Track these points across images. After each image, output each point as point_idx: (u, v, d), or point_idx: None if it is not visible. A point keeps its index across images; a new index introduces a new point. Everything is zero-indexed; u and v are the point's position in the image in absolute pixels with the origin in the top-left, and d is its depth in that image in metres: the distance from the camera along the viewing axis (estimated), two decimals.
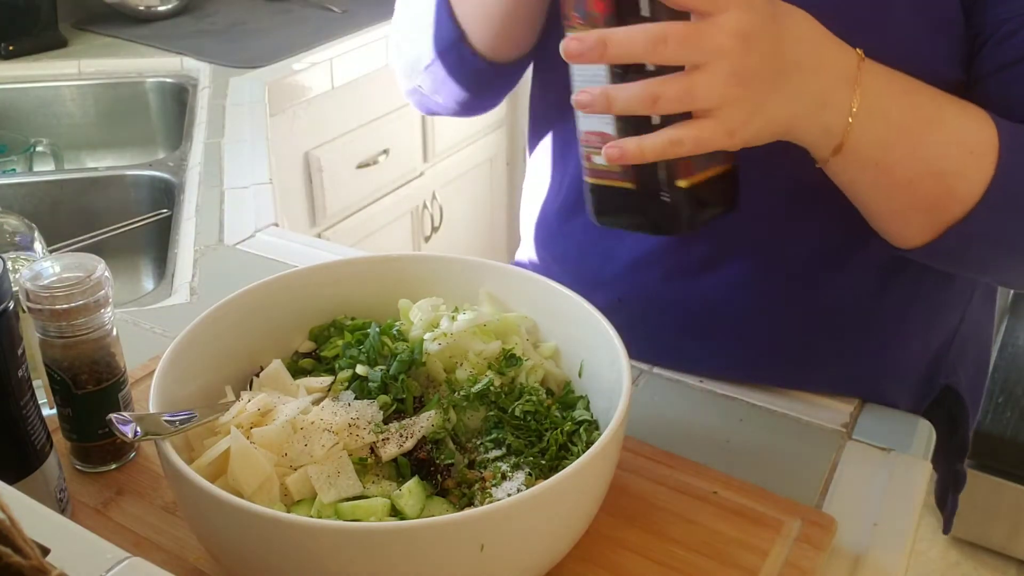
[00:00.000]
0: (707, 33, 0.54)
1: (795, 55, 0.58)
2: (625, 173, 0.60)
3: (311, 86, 1.77)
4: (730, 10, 0.54)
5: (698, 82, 0.54)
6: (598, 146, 0.60)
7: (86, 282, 0.62)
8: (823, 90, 0.60)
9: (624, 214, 0.63)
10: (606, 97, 0.55)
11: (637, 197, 0.61)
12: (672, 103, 0.54)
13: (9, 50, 1.72)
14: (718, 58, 0.54)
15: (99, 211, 1.34)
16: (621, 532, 0.63)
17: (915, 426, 0.78)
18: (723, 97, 0.55)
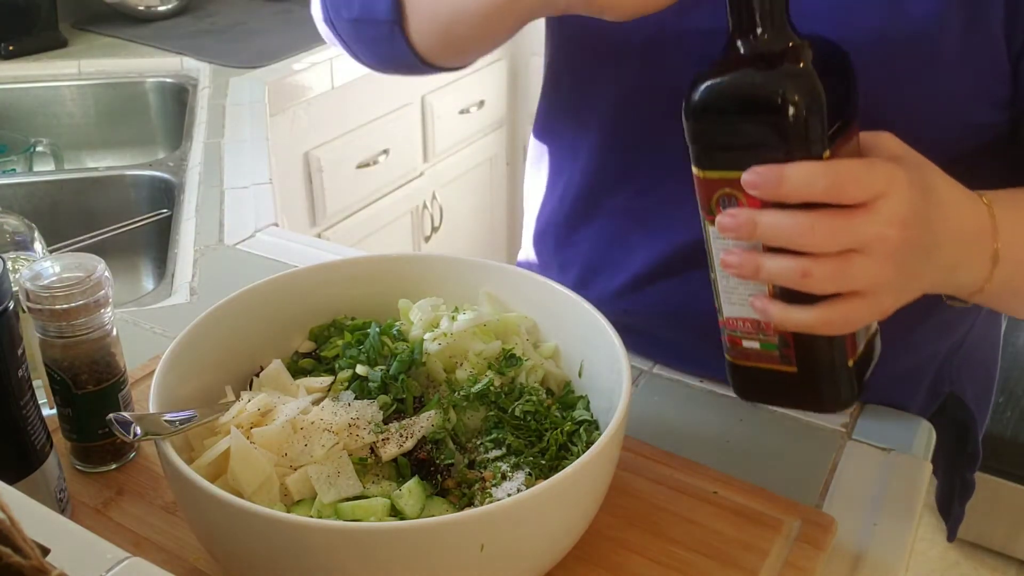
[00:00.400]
0: (863, 222, 0.51)
1: (943, 228, 0.56)
2: (785, 357, 0.57)
3: (311, 86, 1.77)
4: (889, 196, 0.51)
5: (853, 266, 0.52)
6: (750, 332, 0.58)
7: (86, 282, 0.62)
8: (959, 254, 0.58)
9: (781, 395, 0.60)
10: (755, 264, 0.53)
11: (799, 379, 0.58)
12: (824, 284, 0.52)
13: (9, 50, 1.72)
14: (875, 244, 0.51)
15: (99, 211, 1.34)
16: (621, 532, 0.63)
17: (915, 426, 0.78)
18: (877, 281, 0.53)
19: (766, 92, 0.50)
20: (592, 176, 0.85)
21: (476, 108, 2.30)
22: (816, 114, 0.50)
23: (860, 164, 0.52)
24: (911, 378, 0.82)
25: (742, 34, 0.53)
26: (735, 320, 0.58)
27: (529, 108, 2.45)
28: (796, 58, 0.51)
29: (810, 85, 0.50)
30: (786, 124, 0.50)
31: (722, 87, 0.52)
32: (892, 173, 0.52)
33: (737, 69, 0.52)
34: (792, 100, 0.50)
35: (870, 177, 0.51)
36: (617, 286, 0.75)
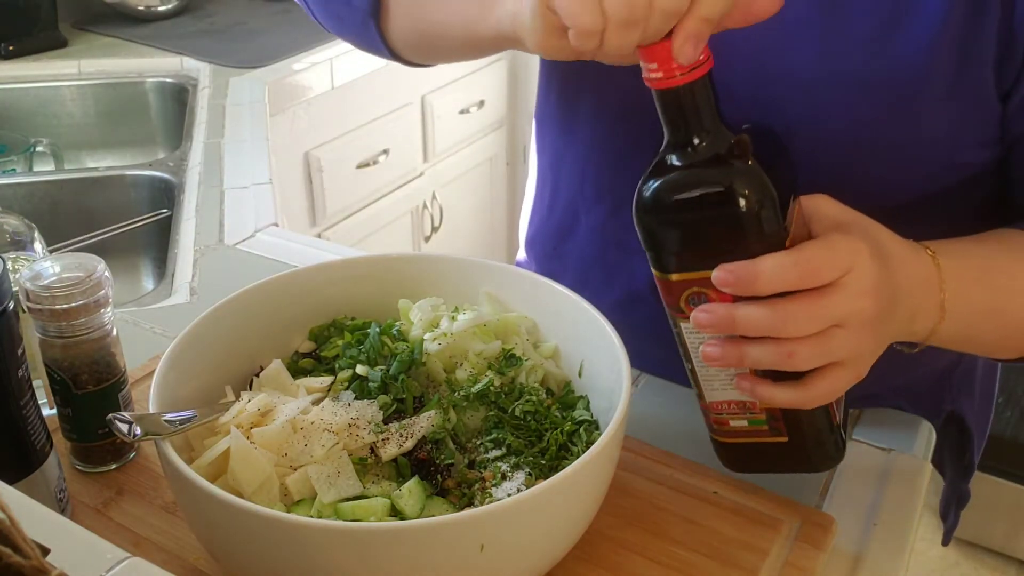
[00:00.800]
0: (838, 301, 0.52)
1: (898, 283, 0.57)
2: (775, 429, 0.59)
3: (311, 86, 1.77)
4: (855, 270, 0.53)
5: (834, 341, 0.53)
6: (737, 412, 0.59)
7: (86, 282, 0.62)
8: (914, 304, 0.59)
9: (773, 463, 0.62)
10: (738, 351, 0.54)
11: (790, 447, 0.59)
12: (808, 362, 0.53)
13: (9, 50, 1.72)
14: (851, 318, 0.53)
15: (99, 211, 1.34)
16: (621, 532, 0.63)
17: (915, 426, 0.78)
18: (857, 350, 0.54)
19: (722, 192, 0.51)
20: (574, 190, 0.85)
21: (476, 108, 2.30)
22: (772, 204, 0.51)
23: (824, 246, 0.53)
24: (908, 393, 0.82)
25: (682, 140, 0.53)
26: (719, 404, 0.60)
27: (529, 108, 2.44)
28: (742, 154, 0.52)
29: (761, 179, 0.51)
30: (747, 218, 0.51)
31: (674, 192, 0.53)
32: (854, 247, 0.53)
33: (685, 174, 0.53)
34: (748, 194, 0.51)
35: (837, 257, 0.52)
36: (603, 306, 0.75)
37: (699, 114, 0.53)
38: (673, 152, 0.54)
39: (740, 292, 0.52)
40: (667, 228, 0.53)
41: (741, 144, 0.53)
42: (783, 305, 0.52)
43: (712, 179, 0.52)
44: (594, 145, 0.81)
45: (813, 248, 0.52)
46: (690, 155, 0.53)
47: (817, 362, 0.53)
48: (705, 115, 0.53)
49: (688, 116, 0.53)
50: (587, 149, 0.82)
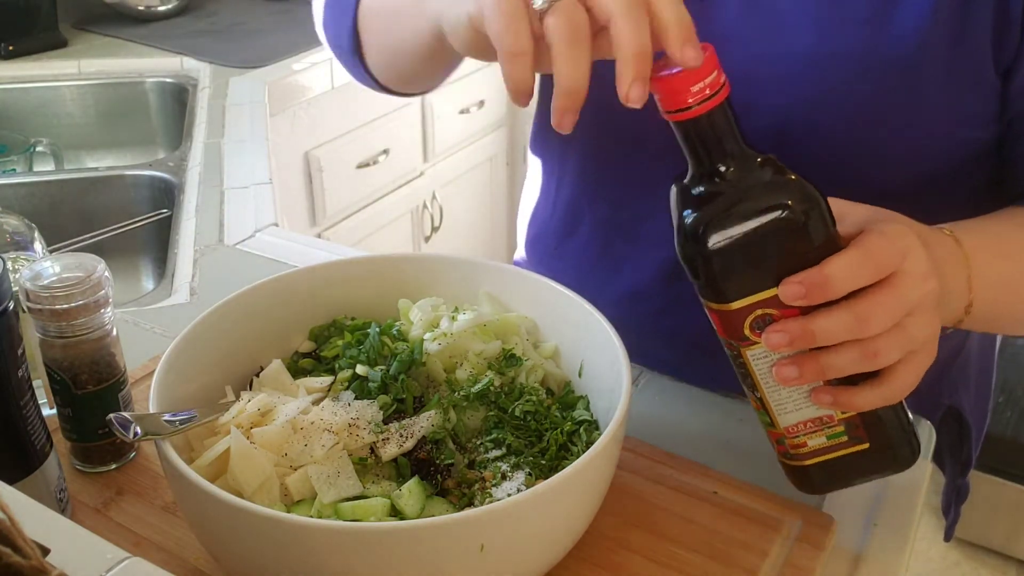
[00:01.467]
0: (908, 289, 0.51)
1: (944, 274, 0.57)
2: (855, 438, 0.57)
3: (311, 86, 1.77)
4: (910, 254, 0.52)
5: (911, 330, 0.52)
6: (814, 430, 0.57)
7: (86, 282, 0.62)
8: (952, 284, 0.59)
9: (858, 474, 0.60)
10: (817, 364, 0.52)
11: (873, 451, 0.58)
12: (892, 355, 0.52)
13: (9, 50, 1.72)
14: (922, 302, 0.52)
15: (99, 211, 1.34)
16: (621, 532, 0.63)
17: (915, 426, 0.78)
18: (932, 333, 0.53)
19: (780, 208, 0.50)
20: (577, 187, 0.85)
21: (476, 108, 2.30)
22: (821, 209, 0.51)
23: (883, 236, 0.51)
24: None
25: (708, 169, 0.52)
26: (796, 426, 0.57)
27: (530, 108, 2.44)
28: (774, 168, 0.52)
29: (807, 187, 0.51)
30: (806, 229, 0.50)
31: (721, 218, 0.51)
32: (903, 231, 0.52)
33: (731, 198, 0.52)
34: (803, 206, 0.50)
35: (896, 244, 0.51)
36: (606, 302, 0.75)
37: (725, 141, 0.52)
38: (702, 182, 0.53)
39: (814, 300, 0.50)
40: (722, 257, 0.51)
41: (771, 161, 0.52)
42: (860, 305, 0.50)
43: (762, 198, 0.51)
44: (596, 141, 0.81)
45: (873, 238, 0.51)
46: (726, 181, 0.52)
47: (899, 354, 0.52)
48: (731, 141, 0.52)
49: (713, 145, 0.52)
50: (589, 145, 0.82)
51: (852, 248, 0.51)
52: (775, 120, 0.67)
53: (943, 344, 0.84)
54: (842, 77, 0.65)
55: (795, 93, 0.67)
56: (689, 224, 0.52)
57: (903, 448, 0.58)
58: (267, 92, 1.63)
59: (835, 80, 0.66)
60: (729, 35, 0.68)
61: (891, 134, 0.67)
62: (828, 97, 0.66)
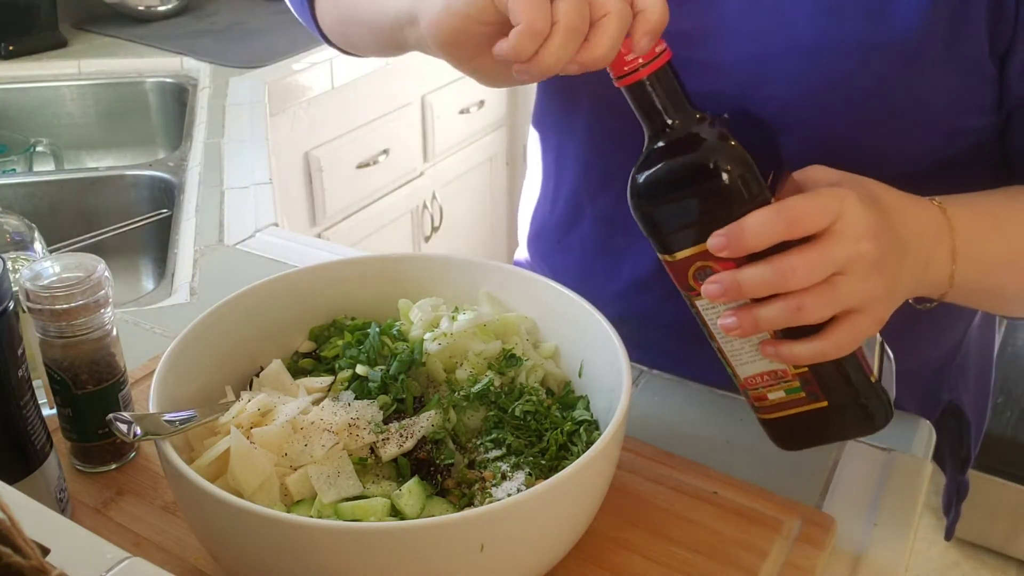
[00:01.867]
0: (835, 245, 0.53)
1: (905, 229, 0.58)
2: (812, 395, 0.59)
3: (311, 86, 1.77)
4: (845, 214, 0.53)
5: (841, 287, 0.53)
6: (771, 383, 0.59)
7: (86, 282, 0.62)
8: (926, 251, 0.60)
9: (824, 433, 0.62)
10: (752, 318, 0.55)
11: (833, 410, 0.59)
12: (818, 312, 0.53)
13: (9, 50, 1.72)
14: (855, 262, 0.53)
15: (99, 211, 1.34)
16: (621, 532, 0.63)
17: (915, 426, 0.78)
18: (868, 294, 0.54)
19: (701, 166, 0.54)
20: (577, 182, 0.85)
21: (476, 108, 2.30)
22: (747, 168, 0.54)
23: (806, 195, 0.54)
24: (905, 383, 0.83)
25: (657, 130, 0.57)
26: (753, 378, 0.60)
27: (529, 108, 2.44)
28: (712, 130, 0.55)
29: (731, 147, 0.54)
30: (728, 185, 0.54)
31: (660, 177, 0.56)
32: (838, 193, 0.54)
33: (666, 158, 0.56)
34: (725, 163, 0.54)
35: (821, 203, 0.53)
36: (609, 294, 0.75)
37: (665, 102, 0.56)
38: (652, 142, 0.57)
39: (734, 253, 0.53)
40: (658, 211, 0.56)
41: (708, 121, 0.56)
42: (781, 258, 0.53)
43: (687, 155, 0.55)
44: (594, 133, 0.81)
45: (796, 198, 0.54)
46: (666, 140, 0.57)
47: (827, 311, 0.54)
48: (671, 102, 0.56)
49: (654, 105, 0.56)
50: (587, 138, 0.82)
51: (772, 205, 0.53)
52: (777, 112, 0.68)
53: (941, 341, 0.84)
54: (843, 68, 0.65)
55: (797, 85, 0.67)
56: (632, 181, 0.57)
57: (864, 410, 0.59)
58: (267, 92, 1.63)
59: (836, 72, 0.66)
60: (731, 28, 0.69)
61: (893, 124, 0.67)
62: (830, 89, 0.66)
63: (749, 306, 0.55)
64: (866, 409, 0.59)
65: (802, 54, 0.66)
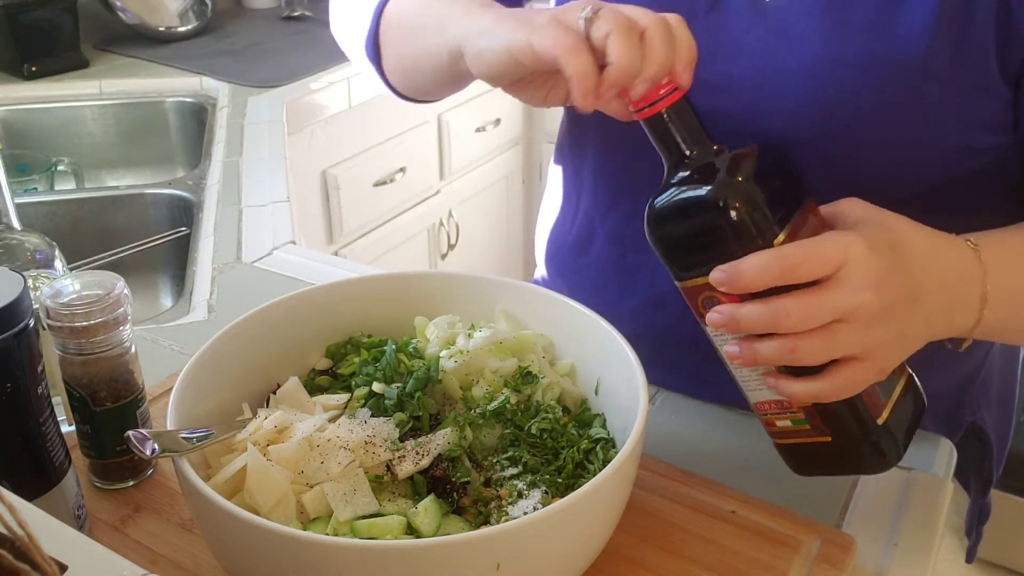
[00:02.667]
0: (834, 295, 0.53)
1: (926, 277, 0.57)
2: (816, 428, 0.59)
3: (328, 105, 1.78)
4: (850, 264, 0.53)
5: (838, 336, 0.53)
6: (778, 412, 0.60)
7: (105, 300, 0.63)
8: (949, 298, 0.59)
9: (830, 465, 0.62)
10: (751, 352, 0.55)
11: (836, 447, 0.59)
12: (813, 356, 0.54)
13: (32, 71, 1.74)
14: (854, 312, 0.53)
15: (119, 229, 1.35)
16: (638, 551, 0.62)
17: (936, 445, 0.77)
18: (867, 344, 0.54)
19: (709, 201, 0.55)
20: (589, 201, 0.86)
21: (492, 126, 2.31)
22: (756, 206, 0.55)
23: (811, 242, 0.54)
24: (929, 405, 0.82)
25: (675, 159, 0.58)
26: (761, 404, 0.61)
27: (545, 126, 2.45)
28: (724, 166, 0.56)
29: (740, 183, 0.55)
30: (734, 222, 0.55)
31: (672, 206, 0.57)
32: (846, 242, 0.54)
33: (680, 189, 0.57)
34: (733, 200, 0.54)
35: (822, 251, 0.53)
36: (625, 312, 0.75)
37: (682, 134, 0.58)
38: (669, 173, 0.59)
39: (731, 290, 0.54)
40: (670, 238, 0.58)
41: (724, 154, 0.57)
42: (777, 300, 0.53)
43: (698, 189, 0.56)
44: (603, 153, 0.82)
45: (798, 244, 0.54)
46: (680, 172, 0.58)
47: (823, 356, 0.54)
48: (687, 135, 0.58)
49: (672, 137, 0.58)
50: (597, 158, 0.83)
51: (773, 248, 0.54)
52: (782, 127, 0.68)
53: (963, 361, 0.83)
54: (847, 84, 0.66)
55: (802, 101, 0.67)
56: (649, 207, 0.58)
57: (865, 449, 0.59)
58: (285, 111, 1.64)
59: (840, 87, 0.66)
60: (737, 44, 0.69)
61: (899, 142, 0.67)
62: (835, 105, 0.67)
63: (751, 339, 0.55)
64: (872, 448, 0.59)
65: (807, 71, 0.67)
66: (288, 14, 2.21)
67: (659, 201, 0.58)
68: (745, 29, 0.69)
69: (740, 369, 0.60)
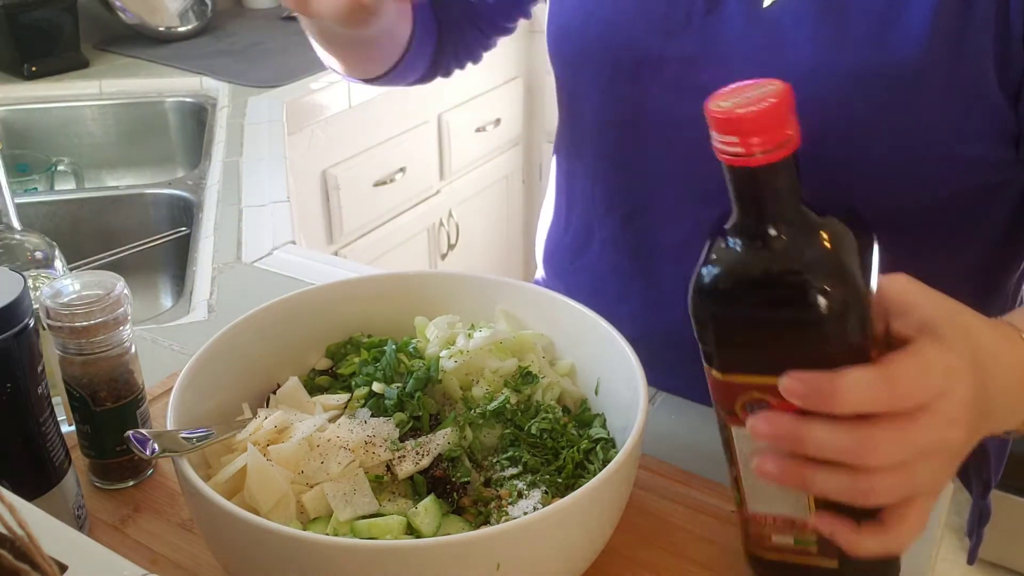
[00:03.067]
0: (927, 430, 0.44)
1: (995, 387, 0.49)
2: (825, 551, 0.51)
3: (328, 105, 1.78)
4: (948, 395, 0.45)
5: (917, 475, 0.45)
6: (783, 529, 0.52)
7: (105, 300, 0.63)
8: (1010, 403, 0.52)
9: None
10: (802, 474, 0.45)
11: (840, 572, 0.52)
12: (888, 498, 0.46)
13: (32, 71, 1.74)
14: (938, 449, 0.46)
15: (119, 229, 1.35)
16: (638, 551, 0.62)
17: None
18: (943, 479, 0.47)
19: (806, 290, 0.43)
20: (587, 205, 0.86)
21: (492, 126, 2.31)
22: (859, 309, 0.43)
23: (917, 364, 0.45)
24: None
25: (753, 225, 0.45)
26: (764, 516, 0.53)
27: (545, 126, 2.45)
28: (825, 244, 0.44)
29: (850, 278, 0.43)
30: (831, 325, 0.43)
31: (747, 284, 0.45)
32: (950, 367, 0.45)
33: (760, 262, 0.45)
34: (836, 298, 0.43)
35: (931, 379, 0.45)
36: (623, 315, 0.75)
37: (779, 199, 0.45)
38: (741, 235, 0.46)
39: (814, 407, 0.44)
40: (730, 323, 0.46)
41: (826, 235, 0.45)
42: (867, 430, 0.44)
43: (791, 272, 0.44)
44: (601, 158, 0.82)
45: (905, 365, 0.45)
46: (764, 242, 0.45)
47: (897, 498, 0.46)
48: (786, 201, 0.45)
49: (766, 200, 0.45)
50: (595, 163, 0.83)
51: (877, 367, 0.44)
52: None
53: None
54: (842, 93, 0.65)
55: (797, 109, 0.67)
56: (703, 277, 0.46)
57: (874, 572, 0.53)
58: (285, 111, 1.64)
59: (836, 95, 0.66)
60: (731, 51, 0.69)
61: (895, 151, 0.67)
62: (830, 113, 0.66)
63: (800, 462, 0.46)
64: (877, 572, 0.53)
65: (801, 78, 0.66)
66: (288, 14, 2.21)
67: (723, 270, 0.45)
68: (740, 36, 0.69)
69: (754, 477, 0.49)
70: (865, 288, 0.44)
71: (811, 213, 0.46)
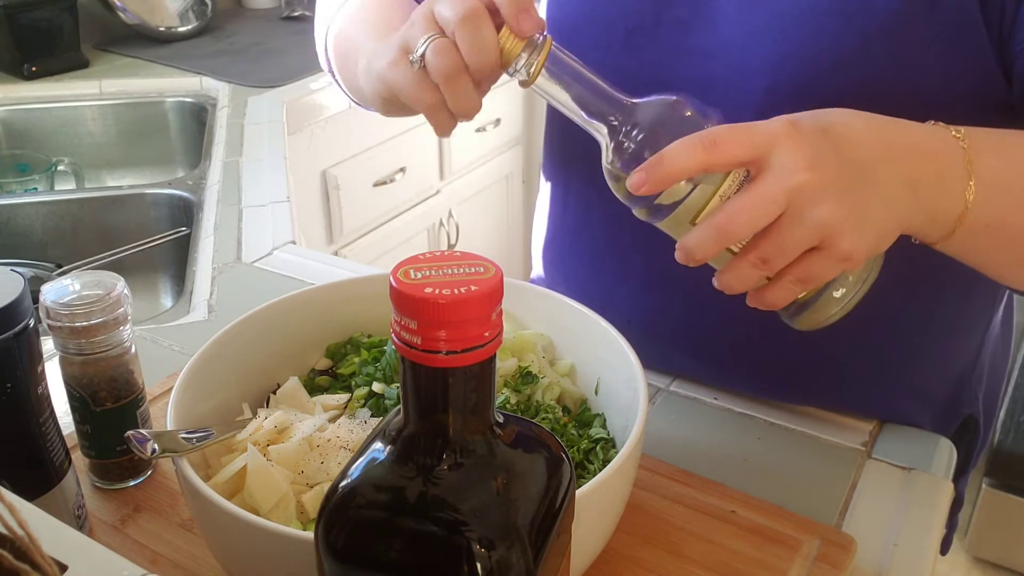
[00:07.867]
0: (769, 182, 0.51)
1: (864, 154, 0.55)
2: None
3: (329, 105, 1.78)
4: (776, 147, 0.52)
5: (785, 229, 0.52)
6: None
7: (105, 300, 0.63)
8: (922, 172, 0.57)
9: None
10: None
11: None
12: (781, 259, 0.53)
13: (32, 71, 1.74)
14: (793, 197, 0.51)
15: (119, 229, 1.35)
16: (638, 551, 0.62)
17: (936, 445, 0.78)
18: (820, 225, 0.52)
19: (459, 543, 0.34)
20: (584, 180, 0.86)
21: (492, 126, 2.31)
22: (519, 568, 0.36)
23: (737, 128, 0.52)
24: (923, 395, 0.82)
25: (426, 435, 0.36)
26: None
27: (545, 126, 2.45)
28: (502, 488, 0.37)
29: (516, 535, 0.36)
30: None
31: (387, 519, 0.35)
32: (768, 128, 0.52)
33: (412, 491, 0.35)
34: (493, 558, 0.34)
35: (752, 138, 0.52)
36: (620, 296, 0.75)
37: (461, 417, 0.35)
38: (403, 451, 0.36)
39: (654, 180, 0.52)
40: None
41: (510, 473, 0.38)
42: (718, 210, 0.52)
43: (448, 522, 0.35)
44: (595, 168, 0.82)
45: (724, 128, 0.52)
46: (427, 471, 0.36)
47: (789, 257, 0.53)
48: (470, 422, 0.36)
49: (442, 414, 0.35)
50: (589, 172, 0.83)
51: (696, 133, 0.52)
52: (768, 82, 0.68)
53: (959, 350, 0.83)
54: (828, 30, 0.65)
55: (784, 52, 0.67)
56: (336, 494, 0.37)
57: None
58: (285, 111, 1.64)
59: (821, 34, 0.66)
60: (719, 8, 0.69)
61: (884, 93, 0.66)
62: (817, 52, 0.66)
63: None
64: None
65: (786, 21, 0.67)
66: (288, 14, 2.21)
67: (360, 493, 0.36)
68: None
69: None
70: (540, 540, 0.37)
71: (502, 443, 0.37)
